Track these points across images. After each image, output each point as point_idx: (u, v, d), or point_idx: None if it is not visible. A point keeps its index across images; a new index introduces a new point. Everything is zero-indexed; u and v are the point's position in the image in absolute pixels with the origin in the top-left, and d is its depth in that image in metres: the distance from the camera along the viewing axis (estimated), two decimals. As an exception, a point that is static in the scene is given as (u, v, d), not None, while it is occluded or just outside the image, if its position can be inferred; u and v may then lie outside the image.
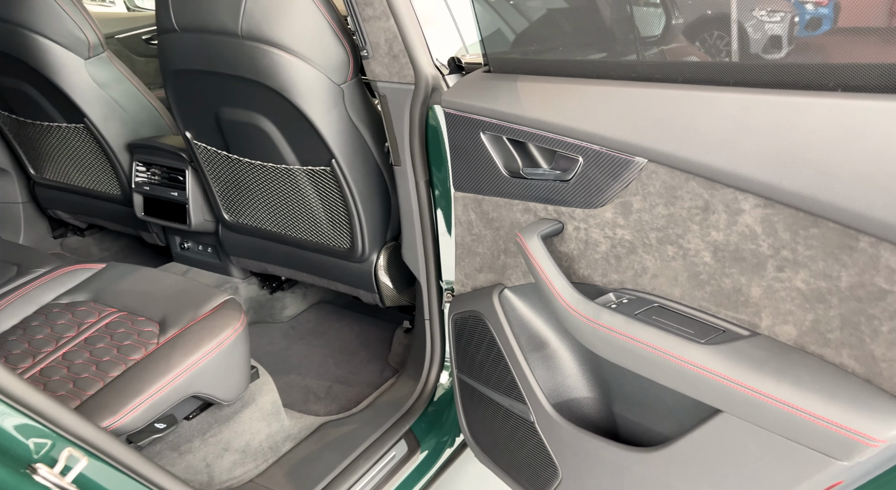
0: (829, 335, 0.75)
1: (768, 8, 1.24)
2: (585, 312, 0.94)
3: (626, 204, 0.93)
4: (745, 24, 1.08)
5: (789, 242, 0.76)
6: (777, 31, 1.29)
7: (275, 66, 1.36)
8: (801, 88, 0.73)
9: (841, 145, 0.68)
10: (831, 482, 0.77)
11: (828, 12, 1.07)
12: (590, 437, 1.04)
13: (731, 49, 1.06)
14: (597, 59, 1.00)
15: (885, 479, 0.83)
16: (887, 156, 0.65)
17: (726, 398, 0.81)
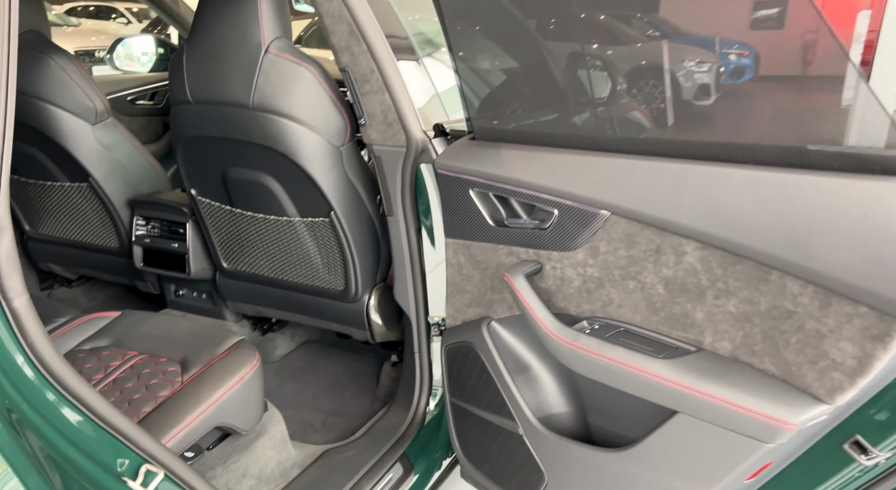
0: (755, 347, 0.99)
1: (697, 59, 1.51)
2: (566, 337, 1.15)
3: (594, 248, 1.16)
4: (677, 74, 1.34)
5: (722, 276, 0.99)
6: (705, 80, 1.59)
7: (283, 132, 1.56)
8: (722, 161, 0.97)
9: (752, 203, 0.92)
10: (762, 463, 0.99)
11: (749, 62, 1.33)
12: (571, 443, 1.24)
13: (666, 96, 1.31)
14: (566, 133, 1.24)
15: (806, 462, 1.06)
16: (785, 213, 0.89)
17: (681, 401, 1.02)
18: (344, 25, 1.48)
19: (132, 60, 3.21)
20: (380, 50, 1.48)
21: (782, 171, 0.90)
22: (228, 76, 1.58)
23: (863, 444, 0.95)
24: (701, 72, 1.49)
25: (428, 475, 1.72)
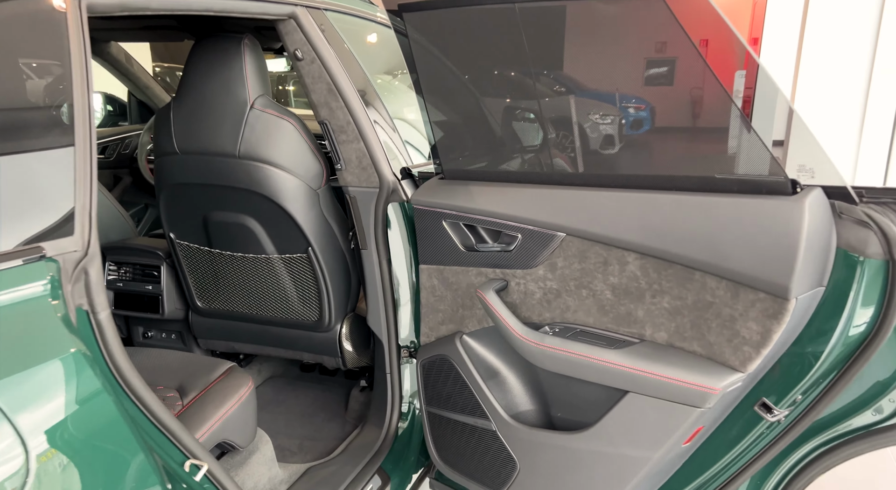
0: (685, 334, 1.26)
1: (601, 112, 1.82)
2: (534, 339, 1.39)
3: (552, 264, 1.41)
4: (584, 126, 1.63)
5: (657, 279, 1.27)
6: (609, 131, 1.90)
7: (267, 178, 1.76)
8: (653, 189, 1.26)
9: (677, 220, 1.20)
10: (696, 427, 1.25)
11: (646, 115, 1.63)
12: (539, 432, 1.47)
13: (575, 145, 1.60)
14: (522, 170, 1.50)
15: (727, 425, 1.32)
16: (702, 226, 1.18)
17: (631, 382, 1.27)
18: (323, 85, 1.71)
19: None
20: (354, 105, 1.72)
21: (698, 195, 1.19)
22: (216, 129, 1.76)
23: (768, 404, 1.23)
24: (605, 124, 1.80)
25: (403, 484, 1.88)
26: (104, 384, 0.96)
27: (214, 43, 1.74)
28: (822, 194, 1.10)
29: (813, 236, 1.06)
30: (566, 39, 1.43)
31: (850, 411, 1.20)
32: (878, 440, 1.18)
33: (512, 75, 1.58)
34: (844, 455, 1.22)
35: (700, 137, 1.54)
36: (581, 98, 1.55)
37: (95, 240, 0.98)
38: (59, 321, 0.90)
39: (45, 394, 0.86)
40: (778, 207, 1.08)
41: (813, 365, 1.16)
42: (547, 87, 1.59)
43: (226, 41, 1.74)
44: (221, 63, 1.73)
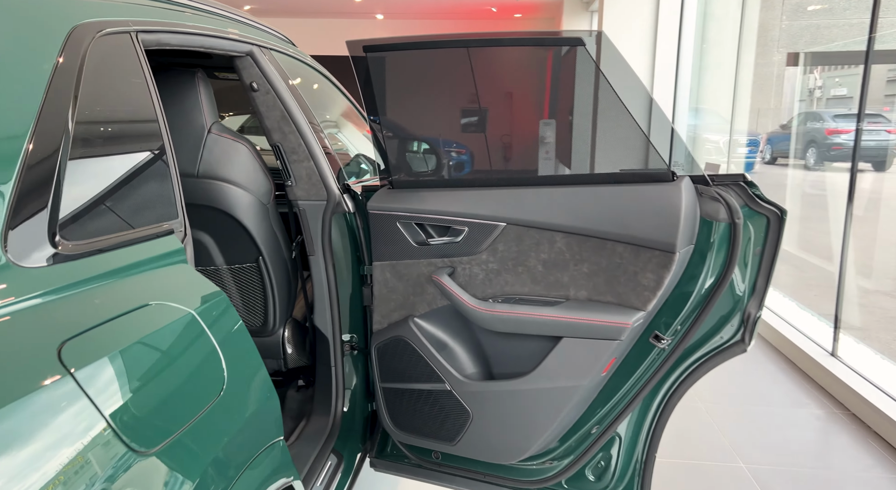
0: (601, 289, 1.73)
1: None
2: (485, 307, 1.78)
3: (494, 249, 1.82)
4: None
5: (579, 251, 1.73)
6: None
7: (224, 194, 1.97)
8: (576, 184, 1.73)
9: (594, 205, 1.68)
10: (612, 357, 1.72)
11: (467, 158, 2.12)
12: (488, 383, 1.85)
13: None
14: (467, 177, 1.91)
15: (631, 356, 1.81)
16: (613, 207, 1.66)
17: (565, 329, 1.71)
18: (277, 112, 1.99)
19: None
20: (304, 129, 2.01)
21: (608, 186, 1.68)
22: (175, 151, 1.94)
23: (659, 335, 1.74)
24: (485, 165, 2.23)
25: (352, 460, 2.14)
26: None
27: (170, 76, 1.94)
28: (689, 180, 1.64)
29: (687, 209, 1.59)
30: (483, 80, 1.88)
31: (707, 337, 1.74)
32: (726, 355, 1.73)
33: (451, 103, 2.00)
34: (705, 370, 1.76)
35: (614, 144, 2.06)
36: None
37: (188, 223, 1.21)
38: (190, 272, 1.12)
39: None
40: (664, 190, 1.60)
41: (687, 301, 1.69)
42: (481, 113, 2.01)
43: (182, 75, 1.94)
44: (179, 94, 1.93)
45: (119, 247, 1.01)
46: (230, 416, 0.99)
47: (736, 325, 1.70)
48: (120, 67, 1.22)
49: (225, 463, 0.96)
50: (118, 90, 1.20)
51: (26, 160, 0.89)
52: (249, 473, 1.03)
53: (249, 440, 1.05)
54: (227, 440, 0.97)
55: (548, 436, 1.81)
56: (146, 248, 1.06)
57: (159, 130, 1.24)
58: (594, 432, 1.88)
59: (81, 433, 0.71)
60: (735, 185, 1.62)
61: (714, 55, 6.64)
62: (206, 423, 0.93)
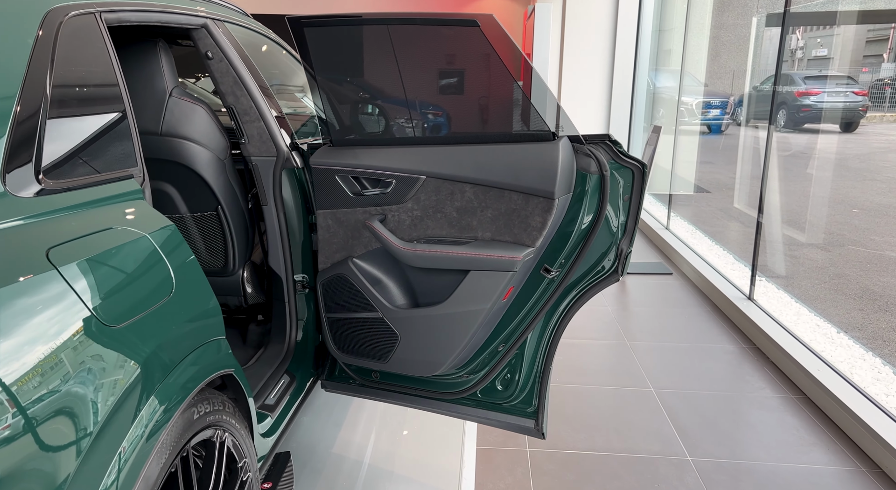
0: (501, 231, 2.06)
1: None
2: (409, 247, 2.11)
3: (417, 198, 2.15)
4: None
5: (484, 199, 2.06)
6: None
7: (186, 150, 2.27)
8: (479, 143, 2.05)
9: (494, 160, 2.00)
10: (509, 286, 2.06)
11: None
12: (413, 310, 2.19)
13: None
14: (393, 137, 2.22)
15: (527, 286, 2.16)
16: (508, 162, 1.99)
17: (472, 263, 2.05)
18: (229, 78, 2.27)
19: None
20: (255, 93, 2.30)
21: (504, 144, 2.00)
22: (141, 113, 2.23)
23: (547, 267, 2.08)
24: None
25: (304, 381, 2.49)
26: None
27: (136, 47, 2.21)
28: (567, 140, 1.97)
29: (563, 163, 1.92)
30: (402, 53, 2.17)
31: (589, 270, 2.09)
32: (604, 284, 2.09)
33: (380, 73, 2.29)
34: (588, 296, 2.11)
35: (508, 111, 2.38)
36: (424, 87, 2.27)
37: (146, 171, 1.52)
38: (145, 207, 1.44)
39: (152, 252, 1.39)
40: (545, 148, 1.93)
41: (568, 239, 2.04)
42: (403, 82, 2.31)
43: (145, 45, 2.22)
44: (142, 62, 2.21)
45: (88, 186, 1.32)
46: (178, 310, 1.32)
47: (612, 259, 2.05)
48: (86, 42, 1.50)
49: (174, 346, 1.29)
50: (85, 62, 1.49)
51: (16, 118, 1.19)
52: (193, 358, 1.36)
53: (193, 333, 1.38)
54: (175, 328, 1.30)
55: (460, 352, 2.17)
56: (109, 188, 1.37)
57: (120, 95, 1.53)
58: (500, 350, 2.24)
59: (64, 309, 1.03)
60: (603, 144, 1.95)
61: (690, 17, 6.89)
62: (160, 313, 1.26)
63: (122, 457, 1.08)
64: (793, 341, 3.49)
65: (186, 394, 1.31)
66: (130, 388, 1.13)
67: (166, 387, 1.25)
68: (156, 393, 1.21)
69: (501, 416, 2.30)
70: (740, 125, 11.14)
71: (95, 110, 1.48)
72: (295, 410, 2.37)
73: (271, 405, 2.23)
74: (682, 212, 6.75)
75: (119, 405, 1.09)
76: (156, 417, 1.19)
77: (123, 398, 1.11)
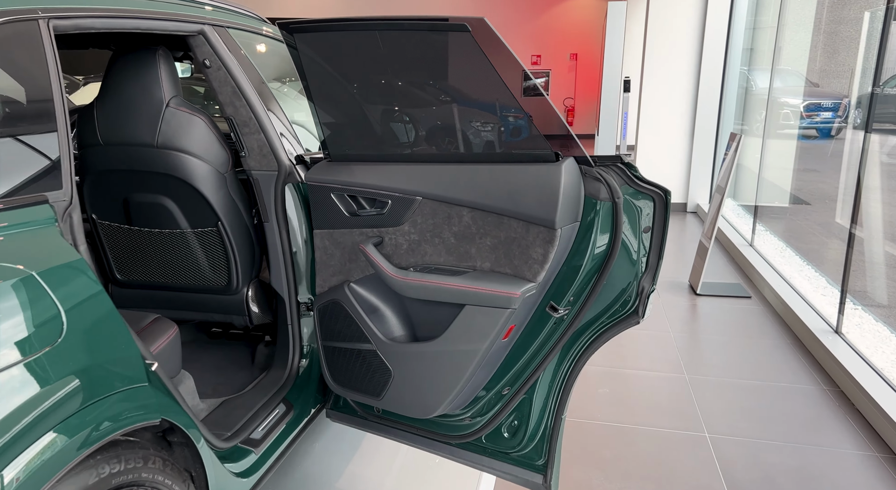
0: (501, 262, 1.80)
1: (481, 120, 2.38)
2: (401, 275, 1.89)
3: (413, 221, 1.92)
4: (467, 133, 2.16)
5: (483, 225, 1.81)
6: (490, 138, 2.46)
7: (182, 163, 2.15)
8: (475, 162, 1.80)
9: (492, 182, 1.75)
10: (509, 325, 1.80)
11: (524, 123, 2.19)
12: (405, 344, 1.97)
13: (459, 150, 2.13)
14: (388, 152, 2.01)
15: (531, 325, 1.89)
16: (506, 185, 1.73)
17: (466, 297, 1.80)
18: (228, 88, 2.14)
19: None
20: (255, 103, 2.15)
21: (502, 165, 1.74)
22: (136, 123, 2.13)
23: (554, 305, 1.80)
24: (486, 131, 2.34)
25: (304, 413, 2.32)
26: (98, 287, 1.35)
27: (134, 54, 2.12)
28: (573, 161, 1.68)
29: (567, 188, 1.64)
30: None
31: (604, 310, 1.79)
32: (623, 326, 1.78)
33: (379, 82, 2.09)
34: (605, 339, 1.81)
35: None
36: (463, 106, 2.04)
37: (76, 194, 1.38)
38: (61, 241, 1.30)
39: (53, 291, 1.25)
40: (547, 170, 1.65)
41: (576, 274, 1.75)
42: (395, 92, 2.09)
43: (143, 53, 2.12)
44: (140, 70, 2.11)
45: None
46: (67, 359, 1.17)
47: (631, 298, 1.75)
48: (21, 51, 1.39)
49: (60, 401, 1.14)
50: (17, 73, 1.37)
51: None
52: (90, 412, 1.20)
53: (93, 383, 1.23)
54: (61, 380, 1.15)
55: (456, 394, 1.93)
56: (9, 216, 1.24)
57: (52, 109, 1.40)
58: (506, 394, 1.98)
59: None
60: (615, 167, 1.65)
61: (796, 12, 6.25)
62: (39, 364, 1.11)
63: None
64: (885, 387, 2.98)
65: (71, 456, 1.15)
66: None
67: (50, 447, 1.10)
68: (28, 454, 1.06)
69: (507, 467, 2.03)
70: (854, 129, 10.13)
71: (13, 127, 1.36)
72: (289, 444, 2.21)
73: (257, 440, 2.08)
74: (771, 226, 6.13)
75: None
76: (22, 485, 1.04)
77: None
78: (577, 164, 1.68)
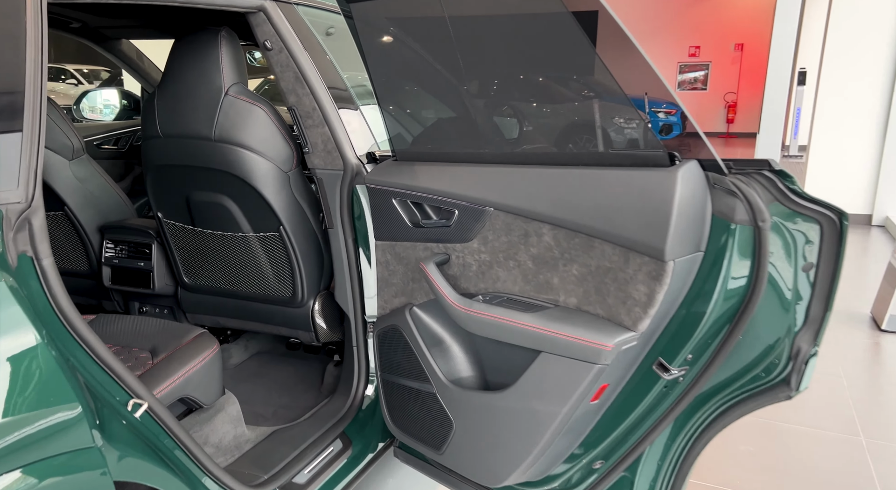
0: (591, 298, 1.34)
1: (626, 116, 1.90)
2: (463, 305, 1.49)
3: (484, 237, 1.51)
4: (609, 130, 1.72)
5: (567, 248, 1.36)
6: (634, 136, 1.98)
7: (240, 160, 1.90)
8: (562, 165, 1.35)
9: (577, 193, 1.29)
10: (599, 383, 1.33)
11: (676, 120, 1.72)
12: (470, 392, 1.57)
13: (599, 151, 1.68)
14: (461, 151, 1.61)
15: (632, 385, 1.40)
16: (594, 198, 1.26)
17: (542, 342, 1.36)
18: (290, 73, 1.85)
19: (95, 111, 3.52)
20: (320, 92, 1.84)
21: (593, 169, 1.28)
22: (193, 114, 1.91)
23: (664, 363, 1.30)
24: (630, 128, 1.87)
25: (364, 451, 2.00)
26: (41, 321, 1.10)
27: (194, 36, 1.89)
28: (696, 166, 1.18)
29: (685, 204, 1.14)
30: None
31: (739, 375, 1.27)
32: (766, 399, 1.24)
33: (457, 63, 1.69)
34: (739, 412, 1.29)
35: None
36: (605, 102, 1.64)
37: (39, 195, 1.12)
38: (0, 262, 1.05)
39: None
40: (656, 178, 1.17)
41: (698, 324, 1.24)
42: (469, 79, 1.68)
43: (205, 34, 1.89)
44: (200, 54, 1.88)
45: None
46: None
47: (781, 362, 1.21)
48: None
49: None
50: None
51: None
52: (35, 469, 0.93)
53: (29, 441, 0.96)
54: None
55: (530, 463, 1.49)
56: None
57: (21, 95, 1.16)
58: (598, 469, 1.51)
59: None
60: (759, 175, 1.12)
61: None
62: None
63: None
64: None
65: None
66: None
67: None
68: None
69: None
70: None
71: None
72: (345, 488, 1.89)
73: (300, 485, 1.78)
74: None
75: None
76: None
77: None
78: (701, 171, 1.19)
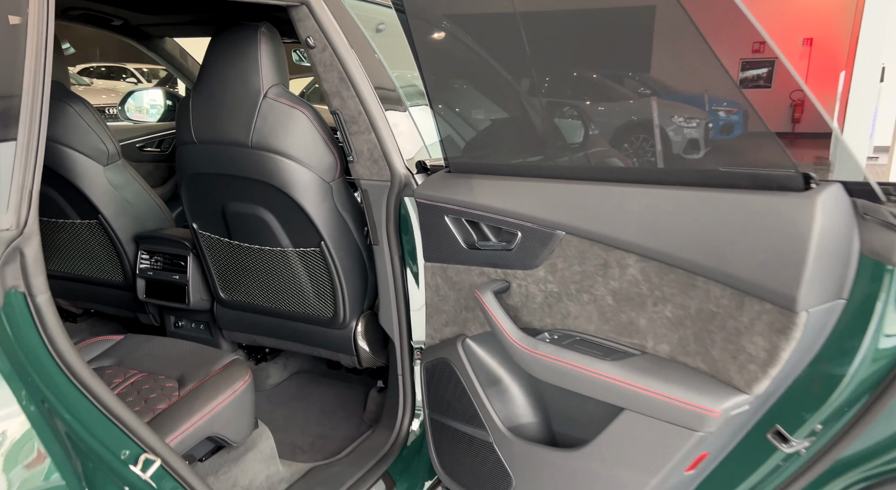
0: (689, 348, 1.11)
1: (686, 115, 1.65)
2: (527, 345, 1.27)
3: (552, 265, 1.29)
4: (667, 129, 1.49)
5: (659, 285, 1.12)
6: (694, 135, 1.73)
7: (278, 169, 1.72)
8: (656, 183, 1.12)
9: (678, 218, 1.06)
10: (697, 453, 1.10)
11: (738, 119, 1.48)
12: (534, 447, 1.35)
13: (656, 150, 1.46)
14: (526, 163, 1.39)
15: (738, 454, 1.16)
16: (704, 224, 1.03)
17: (626, 398, 1.14)
18: (334, 73, 1.66)
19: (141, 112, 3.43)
20: (366, 95, 1.65)
21: (699, 190, 1.04)
22: (229, 118, 1.74)
23: (783, 432, 1.06)
24: (690, 127, 1.63)
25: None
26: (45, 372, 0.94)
27: (232, 32, 1.73)
28: (841, 191, 0.93)
29: (826, 239, 0.90)
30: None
31: (880, 449, 1.01)
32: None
33: (524, 63, 1.47)
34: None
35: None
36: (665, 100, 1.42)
37: (34, 219, 0.96)
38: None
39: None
40: (786, 205, 0.92)
41: (834, 389, 0.99)
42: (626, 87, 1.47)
43: (243, 30, 1.72)
44: (238, 52, 1.72)
45: None
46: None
47: None
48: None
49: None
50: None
51: None
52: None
53: None
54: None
55: None
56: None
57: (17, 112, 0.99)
58: None
59: None
60: None
61: None
62: None
63: None
64: None
65: None
66: None
67: None
68: None
69: None
70: None
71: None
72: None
73: (335, 534, 1.59)
74: None
75: None
76: None
77: None
78: (847, 197, 0.94)
